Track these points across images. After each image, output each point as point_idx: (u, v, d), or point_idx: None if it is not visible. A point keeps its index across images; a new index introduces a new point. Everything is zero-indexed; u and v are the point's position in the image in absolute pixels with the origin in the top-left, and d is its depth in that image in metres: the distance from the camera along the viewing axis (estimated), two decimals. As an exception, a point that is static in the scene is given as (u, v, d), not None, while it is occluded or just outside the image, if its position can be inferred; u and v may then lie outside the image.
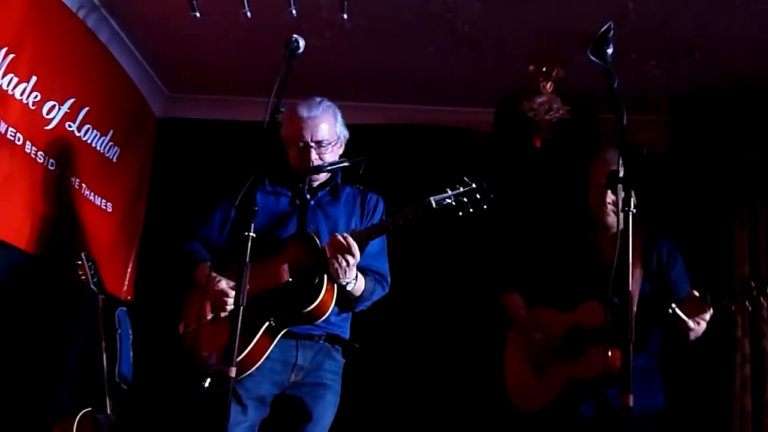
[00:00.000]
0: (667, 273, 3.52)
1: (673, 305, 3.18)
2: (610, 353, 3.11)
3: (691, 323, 3.17)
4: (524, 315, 3.67)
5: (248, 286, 2.56)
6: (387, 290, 3.37)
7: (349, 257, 2.99)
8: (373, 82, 5.22)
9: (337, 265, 3.00)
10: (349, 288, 3.11)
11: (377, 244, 3.30)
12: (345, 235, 3.01)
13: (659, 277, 3.52)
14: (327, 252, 3.01)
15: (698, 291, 3.17)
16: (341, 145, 3.40)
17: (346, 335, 3.34)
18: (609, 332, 3.12)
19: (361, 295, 3.21)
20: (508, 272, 3.84)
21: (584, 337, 3.35)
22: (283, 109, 2.82)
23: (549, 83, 4.70)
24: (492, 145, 5.22)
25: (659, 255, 3.55)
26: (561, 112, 4.72)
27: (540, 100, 4.72)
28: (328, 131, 3.28)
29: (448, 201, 2.97)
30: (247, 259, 2.56)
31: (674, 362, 3.69)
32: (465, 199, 2.98)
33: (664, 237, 3.63)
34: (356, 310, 3.33)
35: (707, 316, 3.19)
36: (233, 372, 2.49)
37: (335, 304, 3.12)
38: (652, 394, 3.37)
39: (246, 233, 2.58)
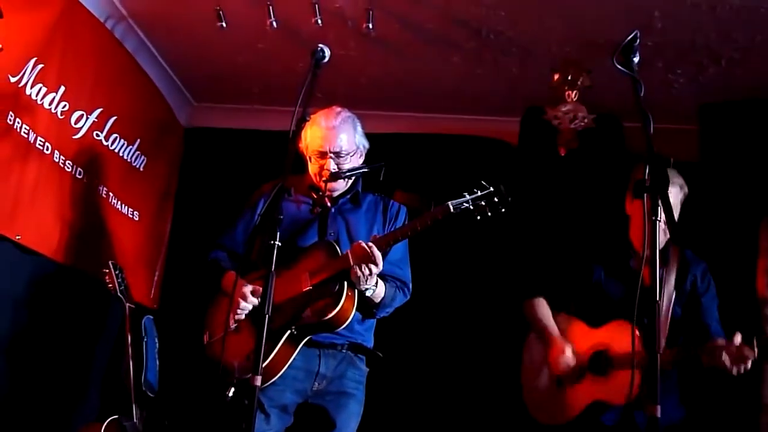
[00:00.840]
0: (699, 297, 3.49)
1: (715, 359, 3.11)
2: (637, 377, 3.08)
3: (734, 370, 3.11)
4: (550, 322, 3.65)
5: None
6: (408, 297, 3.36)
7: (372, 266, 3.00)
8: (397, 91, 5.23)
9: (359, 273, 3.00)
10: (368, 294, 3.12)
11: (399, 250, 3.30)
12: (369, 244, 3.01)
13: (691, 302, 3.49)
14: (349, 259, 3.02)
15: (741, 335, 3.10)
16: (361, 155, 3.41)
17: (370, 344, 3.34)
18: (637, 355, 3.10)
19: (381, 301, 3.21)
20: (534, 276, 3.84)
21: (612, 360, 3.34)
22: (308, 118, 2.83)
23: (574, 92, 4.67)
24: (517, 153, 5.23)
25: (694, 279, 3.52)
26: (586, 120, 4.67)
27: (565, 108, 4.69)
28: (346, 141, 3.29)
29: (466, 205, 2.98)
30: (273, 268, 2.56)
31: (696, 370, 3.65)
32: (483, 203, 2.98)
33: (697, 258, 3.58)
34: (377, 317, 3.33)
35: (750, 362, 3.13)
36: (258, 381, 2.49)
37: (357, 311, 3.12)
38: (670, 405, 3.32)
39: (272, 242, 2.59)
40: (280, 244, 2.61)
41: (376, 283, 3.11)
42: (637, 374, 3.03)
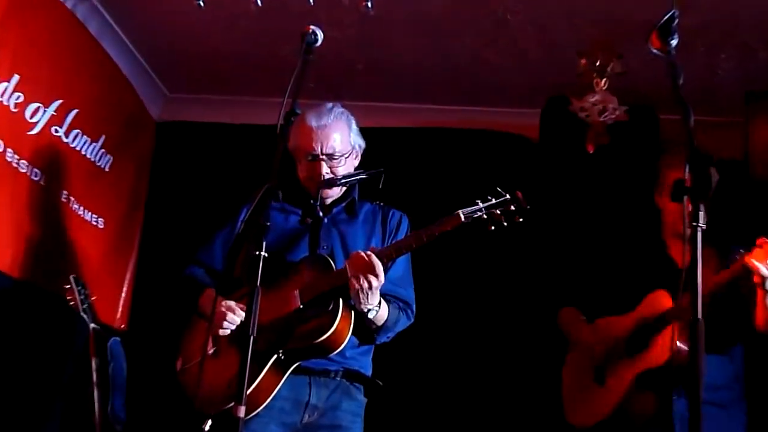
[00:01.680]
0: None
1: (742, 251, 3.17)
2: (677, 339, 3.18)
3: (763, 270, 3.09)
4: (584, 332, 3.73)
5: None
6: (412, 320, 3.35)
7: (372, 278, 2.97)
8: (400, 79, 5.21)
9: (358, 287, 2.98)
10: (371, 316, 3.09)
11: (400, 266, 3.30)
12: (368, 252, 3.00)
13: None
14: (347, 271, 3.00)
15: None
16: (356, 156, 3.42)
17: (368, 371, 3.32)
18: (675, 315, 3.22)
19: (383, 324, 3.18)
20: (565, 286, 3.92)
21: (649, 329, 3.38)
22: (299, 111, 2.81)
23: (603, 80, 4.67)
24: (538, 150, 5.22)
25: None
26: (617, 112, 4.68)
27: (593, 99, 4.68)
28: (340, 142, 3.30)
29: (479, 214, 2.97)
30: (258, 282, 2.53)
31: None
32: (498, 212, 2.97)
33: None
34: (377, 342, 3.31)
35: None
36: (242, 411, 2.45)
37: (353, 335, 3.10)
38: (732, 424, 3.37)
39: (257, 252, 2.55)
40: (266, 255, 2.57)
41: (380, 302, 3.09)
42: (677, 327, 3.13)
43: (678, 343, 3.17)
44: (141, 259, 5.35)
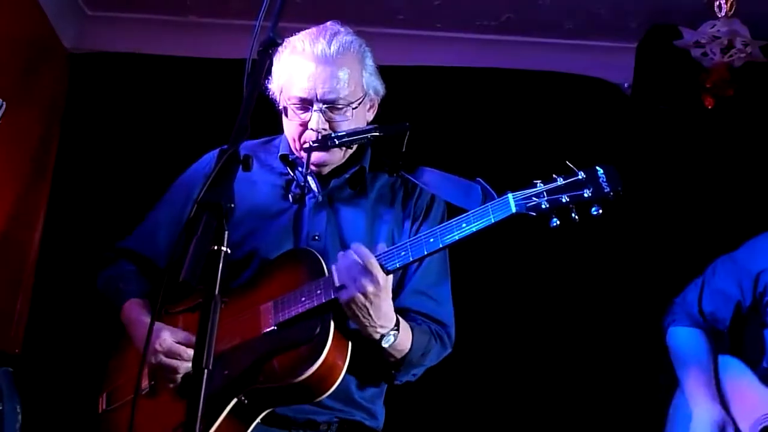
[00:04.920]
0: None
1: None
2: None
3: None
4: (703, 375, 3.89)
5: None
6: (450, 349, 3.31)
7: (367, 284, 2.89)
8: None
9: (352, 304, 2.90)
10: (385, 344, 3.02)
11: (432, 267, 3.25)
12: (359, 246, 2.93)
13: None
14: (334, 278, 2.95)
15: None
16: (371, 107, 3.36)
17: (378, 422, 3.29)
18: None
19: (406, 356, 3.10)
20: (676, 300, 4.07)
21: None
22: (281, 42, 2.73)
23: (729, 1, 4.59)
24: (631, 103, 5.24)
25: None
26: (749, 50, 4.62)
27: (713, 30, 4.62)
28: (346, 83, 3.20)
29: (536, 201, 2.87)
30: (217, 291, 2.45)
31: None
32: (566, 199, 2.87)
33: None
34: (398, 382, 3.25)
35: None
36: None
37: (354, 374, 3.08)
38: None
39: (216, 247, 2.46)
40: (229, 251, 2.48)
41: (397, 323, 3.01)
42: None
43: None
44: (43, 253, 5.32)
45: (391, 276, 2.93)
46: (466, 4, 5.18)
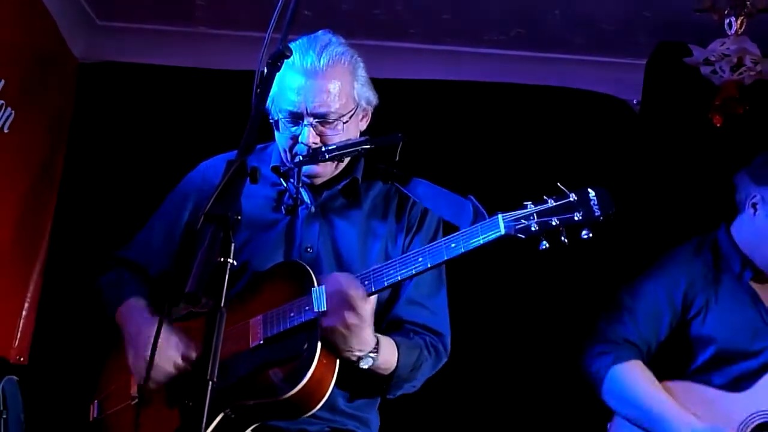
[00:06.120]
0: None
1: None
2: None
3: None
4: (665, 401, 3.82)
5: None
6: (445, 359, 3.32)
7: (351, 317, 2.89)
8: (440, 13, 5.14)
9: (333, 331, 2.91)
10: (364, 366, 3.02)
11: (428, 276, 3.21)
12: (347, 275, 2.94)
13: None
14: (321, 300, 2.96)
15: None
16: (364, 117, 3.36)
17: (370, 430, 3.30)
18: None
19: (393, 373, 3.12)
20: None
21: None
22: (290, 55, 2.75)
23: (740, 18, 4.59)
24: (639, 120, 5.23)
25: None
26: (759, 68, 4.62)
27: (724, 46, 4.62)
28: (337, 96, 3.20)
29: (525, 224, 2.86)
30: (222, 303, 2.45)
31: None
32: (556, 222, 2.86)
33: None
34: (390, 396, 3.26)
35: None
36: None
37: (345, 389, 3.10)
38: None
39: (221, 259, 2.47)
40: (235, 263, 2.48)
41: (377, 345, 3.02)
42: None
43: None
44: (50, 262, 5.31)
45: (374, 297, 2.93)
46: (475, 18, 5.17)
